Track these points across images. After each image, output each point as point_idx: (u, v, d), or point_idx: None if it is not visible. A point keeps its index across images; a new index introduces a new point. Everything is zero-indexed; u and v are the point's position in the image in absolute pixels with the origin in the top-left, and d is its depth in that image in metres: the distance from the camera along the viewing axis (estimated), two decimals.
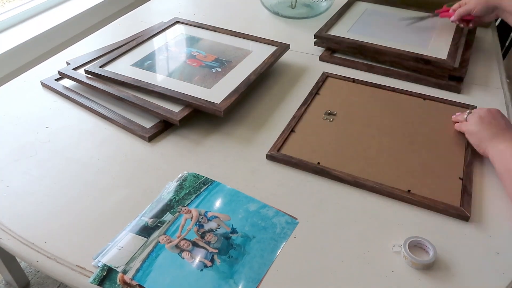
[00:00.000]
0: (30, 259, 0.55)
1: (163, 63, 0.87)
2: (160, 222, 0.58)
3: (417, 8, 1.13)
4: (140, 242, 0.55)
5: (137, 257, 0.53)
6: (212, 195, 0.63)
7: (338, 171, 0.66)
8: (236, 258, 0.54)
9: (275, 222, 0.59)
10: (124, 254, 0.54)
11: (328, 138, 0.73)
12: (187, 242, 0.56)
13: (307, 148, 0.70)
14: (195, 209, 0.60)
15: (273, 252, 0.55)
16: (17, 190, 0.64)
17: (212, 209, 0.60)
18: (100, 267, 0.52)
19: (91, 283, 0.51)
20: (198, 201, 0.62)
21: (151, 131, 0.74)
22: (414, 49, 0.93)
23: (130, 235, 0.56)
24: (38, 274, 1.12)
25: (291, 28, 1.12)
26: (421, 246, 0.56)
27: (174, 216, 0.59)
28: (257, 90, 0.87)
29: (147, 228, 0.57)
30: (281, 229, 0.58)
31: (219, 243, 0.56)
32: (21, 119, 0.78)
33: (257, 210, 0.60)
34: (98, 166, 0.68)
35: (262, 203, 0.62)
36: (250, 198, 0.62)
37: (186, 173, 0.66)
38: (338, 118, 0.78)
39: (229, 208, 0.61)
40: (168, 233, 0.57)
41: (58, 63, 0.93)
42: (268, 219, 0.59)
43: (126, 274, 0.51)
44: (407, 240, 0.55)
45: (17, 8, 1.36)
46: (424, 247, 0.55)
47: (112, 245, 0.55)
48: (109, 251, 0.54)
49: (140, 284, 0.50)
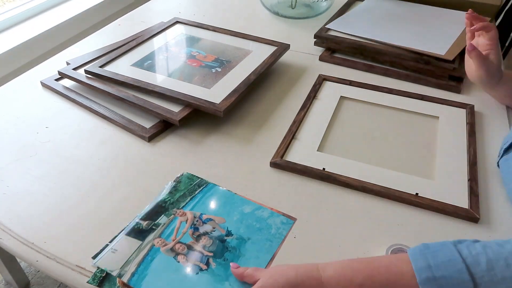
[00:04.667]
0: (30, 259, 0.55)
1: (163, 63, 0.87)
2: (154, 225, 0.58)
3: (416, 2, 1.14)
4: (135, 245, 0.55)
5: (132, 260, 0.53)
6: (207, 198, 0.63)
7: (345, 177, 0.65)
8: (231, 260, 0.54)
9: (270, 223, 0.59)
10: (119, 257, 0.54)
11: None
12: (182, 245, 0.56)
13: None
14: (190, 211, 0.60)
15: (269, 253, 0.55)
16: (17, 190, 0.64)
17: (207, 212, 0.60)
18: (99, 268, 0.52)
19: (90, 284, 0.51)
20: (193, 204, 0.62)
21: (151, 131, 0.74)
22: (414, 49, 0.93)
23: (124, 237, 0.56)
24: (38, 274, 1.12)
25: (291, 28, 1.12)
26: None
27: (169, 218, 0.59)
28: (257, 90, 0.87)
29: (141, 230, 0.57)
30: (276, 230, 0.58)
31: (214, 246, 0.56)
32: (21, 119, 0.78)
33: (252, 212, 0.60)
34: (98, 166, 0.68)
35: (257, 204, 0.62)
36: (245, 200, 0.62)
37: (182, 174, 0.66)
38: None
39: (224, 210, 0.61)
40: (163, 236, 0.57)
41: (58, 63, 0.93)
42: (263, 220, 0.59)
43: (122, 278, 0.51)
44: (390, 248, 0.54)
45: (17, 8, 1.36)
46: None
47: (108, 247, 0.55)
48: (105, 254, 0.54)
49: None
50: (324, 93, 0.85)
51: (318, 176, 0.66)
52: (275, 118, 0.79)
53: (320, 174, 0.66)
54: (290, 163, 0.68)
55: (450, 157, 0.70)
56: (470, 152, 0.70)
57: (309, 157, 0.69)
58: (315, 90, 0.85)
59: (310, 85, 0.87)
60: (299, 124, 0.76)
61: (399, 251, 0.54)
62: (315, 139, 0.73)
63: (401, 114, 0.79)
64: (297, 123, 0.76)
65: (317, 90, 0.85)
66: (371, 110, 0.80)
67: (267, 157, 0.69)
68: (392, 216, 0.60)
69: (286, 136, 0.73)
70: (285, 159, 0.69)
